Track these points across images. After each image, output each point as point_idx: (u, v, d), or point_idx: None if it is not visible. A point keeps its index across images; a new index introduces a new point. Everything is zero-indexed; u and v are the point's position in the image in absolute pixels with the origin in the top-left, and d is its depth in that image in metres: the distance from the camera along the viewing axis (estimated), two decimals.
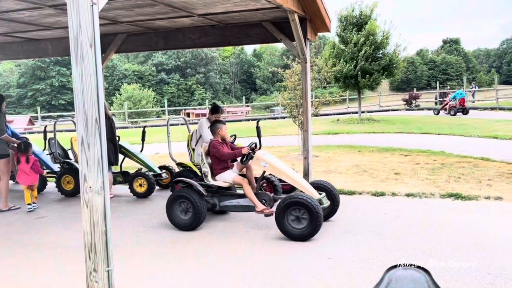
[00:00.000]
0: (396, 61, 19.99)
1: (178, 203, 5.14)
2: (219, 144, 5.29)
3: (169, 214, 5.18)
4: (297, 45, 6.66)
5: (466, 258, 3.96)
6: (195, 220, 5.06)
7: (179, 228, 5.13)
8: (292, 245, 4.53)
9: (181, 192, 5.16)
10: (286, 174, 5.03)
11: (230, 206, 5.27)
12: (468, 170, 8.04)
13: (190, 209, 5.08)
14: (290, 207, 4.57)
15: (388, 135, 15.35)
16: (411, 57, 68.66)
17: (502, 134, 13.21)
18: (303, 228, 4.55)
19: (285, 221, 4.60)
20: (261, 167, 5.06)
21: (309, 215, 4.50)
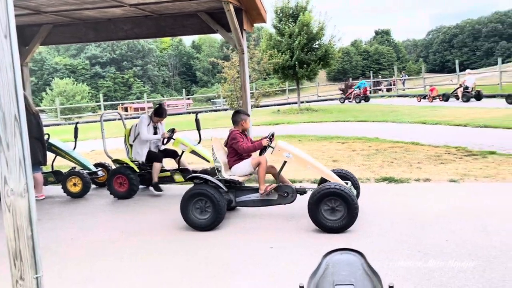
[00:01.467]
0: (331, 51, 20.61)
1: (195, 201, 4.71)
2: (240, 135, 5.02)
3: (185, 214, 4.74)
4: (234, 36, 6.63)
5: (399, 238, 4.17)
6: (216, 219, 4.67)
7: (197, 229, 4.71)
8: (240, 236, 4.53)
9: (198, 189, 4.71)
10: (311, 164, 4.81)
11: (248, 202, 4.94)
12: (400, 155, 8.49)
13: (208, 208, 4.67)
14: (325, 198, 4.35)
15: (326, 124, 15.82)
16: (346, 48, 71.12)
17: (429, 119, 14.10)
18: (338, 219, 4.36)
19: (319, 212, 4.39)
20: (284, 158, 4.82)
21: (346, 206, 4.31)
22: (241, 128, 5.15)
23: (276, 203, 4.90)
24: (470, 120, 12.96)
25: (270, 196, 4.84)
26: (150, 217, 5.50)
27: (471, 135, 10.43)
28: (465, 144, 9.11)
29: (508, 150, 8.16)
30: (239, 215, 5.33)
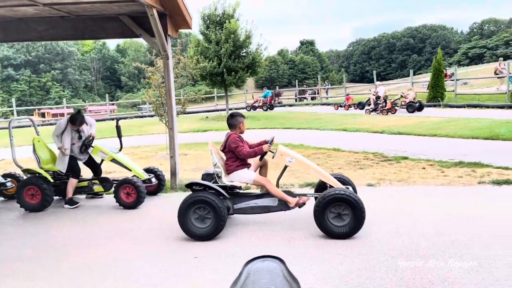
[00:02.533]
0: (258, 59, 20.97)
1: (194, 209, 4.45)
2: (239, 139, 4.78)
3: (183, 223, 4.46)
4: (158, 41, 6.47)
5: (322, 244, 4.30)
6: (217, 228, 4.44)
7: (197, 239, 4.46)
8: (158, 244, 4.38)
9: (199, 196, 4.44)
10: (314, 169, 4.77)
11: (247, 209, 4.72)
12: (323, 160, 8.82)
13: (208, 216, 4.44)
14: (331, 204, 4.28)
15: (253, 131, 15.99)
16: (273, 57, 72.84)
17: (350, 127, 14.86)
18: (344, 225, 4.30)
19: (326, 218, 4.31)
20: (286, 163, 4.71)
21: (352, 212, 4.26)
22: (239, 131, 4.94)
23: (276, 209, 4.75)
24: (386, 127, 13.86)
25: (269, 202, 4.68)
26: (65, 231, 5.15)
27: (387, 142, 11.14)
28: (381, 150, 9.71)
29: (418, 155, 8.83)
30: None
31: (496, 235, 4.20)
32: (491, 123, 12.87)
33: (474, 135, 10.95)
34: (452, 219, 4.76)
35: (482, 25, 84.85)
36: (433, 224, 4.62)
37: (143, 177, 6.25)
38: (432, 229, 4.47)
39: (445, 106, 20.23)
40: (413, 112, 18.79)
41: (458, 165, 7.51)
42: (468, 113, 16.88)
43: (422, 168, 7.54)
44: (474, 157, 8.01)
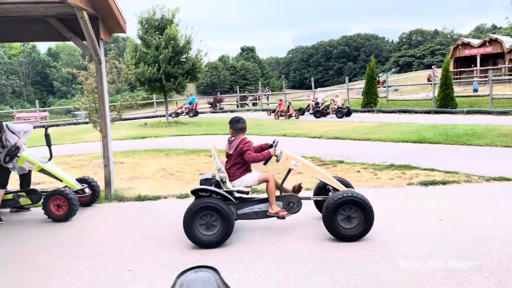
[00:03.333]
0: (198, 65, 20.81)
1: (200, 216, 4.28)
2: (251, 143, 4.63)
3: (189, 231, 4.28)
4: (89, 45, 6.19)
5: (261, 249, 4.30)
6: (225, 235, 4.31)
7: (204, 246, 4.30)
8: (99, 256, 4.15)
9: (206, 203, 4.28)
10: (319, 172, 4.70)
11: (251, 214, 4.60)
12: (259, 166, 8.88)
13: (215, 222, 4.30)
14: (342, 206, 4.25)
15: (194, 137, 15.84)
16: (214, 63, 72.76)
17: (290, 132, 15.15)
18: (354, 227, 4.28)
19: (336, 221, 4.27)
20: (291, 166, 4.63)
21: (362, 214, 4.26)
22: (244, 135, 4.79)
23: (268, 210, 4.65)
24: (324, 132, 14.30)
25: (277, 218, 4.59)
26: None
27: (325, 146, 11.49)
28: (319, 154, 9.98)
29: (354, 159, 9.18)
30: None
31: (424, 234, 4.44)
32: (419, 128, 13.71)
33: (404, 139, 11.60)
34: (382, 219, 4.98)
35: (410, 35, 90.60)
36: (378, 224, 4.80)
37: (76, 188, 5.93)
38: (374, 228, 4.64)
39: (378, 112, 21.29)
40: (341, 117, 19.72)
41: (390, 168, 7.90)
42: (398, 118, 17.88)
43: (356, 172, 7.83)
44: (404, 160, 8.46)
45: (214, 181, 4.66)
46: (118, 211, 6.12)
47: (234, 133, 4.79)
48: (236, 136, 4.76)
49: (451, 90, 19.56)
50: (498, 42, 34.63)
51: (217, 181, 4.64)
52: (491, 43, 35.27)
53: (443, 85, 19.51)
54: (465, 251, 3.95)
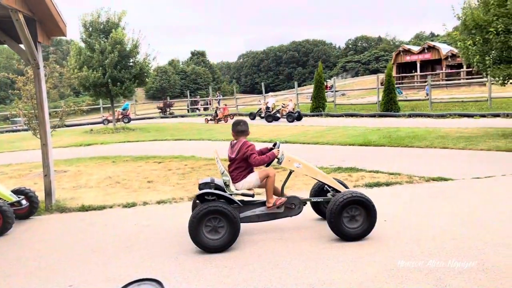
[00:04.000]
0: (146, 70, 20.37)
1: (206, 221, 4.22)
2: (254, 147, 4.65)
3: (195, 236, 4.21)
4: (26, 48, 5.85)
5: (208, 256, 4.24)
6: (232, 238, 4.27)
7: (210, 251, 4.23)
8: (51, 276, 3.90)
9: (213, 206, 4.22)
10: (320, 174, 4.76)
11: (253, 217, 4.57)
12: (214, 172, 8.81)
13: (221, 226, 4.25)
14: (347, 206, 4.32)
15: (143, 143, 15.46)
16: (164, 67, 71.60)
17: None
18: (357, 226, 4.37)
19: (341, 221, 4.32)
20: (293, 168, 4.67)
21: (366, 213, 4.35)
22: (246, 138, 4.78)
23: (283, 216, 4.66)
24: (274, 136, 14.44)
25: (276, 209, 4.59)
26: None
27: None
28: None
29: None
30: None
31: (370, 234, 4.57)
32: (364, 131, 14.21)
33: (351, 142, 11.96)
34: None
35: (356, 41, 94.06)
36: (314, 228, 4.87)
37: (11, 200, 5.56)
38: (313, 232, 4.71)
39: (327, 116, 21.86)
40: (292, 121, 20.09)
41: (337, 171, 8.10)
42: (346, 121, 18.45)
43: (305, 175, 7.94)
44: (350, 163, 8.71)
45: (213, 185, 4.60)
46: (59, 223, 5.82)
47: (236, 136, 4.81)
48: (238, 140, 4.77)
49: (394, 94, 20.48)
50: (436, 49, 36.76)
51: (216, 185, 4.58)
52: (429, 50, 37.36)
53: (386, 90, 20.38)
54: (409, 250, 4.10)
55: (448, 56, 35.12)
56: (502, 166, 7.76)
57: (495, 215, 5.04)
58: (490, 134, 11.50)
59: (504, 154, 9.03)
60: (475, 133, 12.02)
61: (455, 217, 5.03)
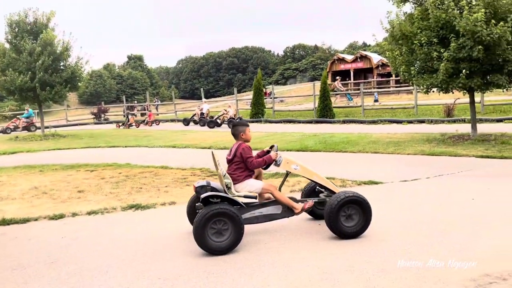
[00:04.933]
0: (79, 73, 19.43)
1: (212, 223, 4.24)
2: (251, 150, 4.73)
3: (201, 239, 4.21)
4: None
5: (141, 268, 4.08)
6: (237, 240, 4.31)
7: (216, 253, 4.24)
8: None
9: (218, 209, 4.24)
10: (317, 175, 4.90)
11: (252, 218, 4.62)
12: (150, 180, 8.56)
13: (225, 229, 4.29)
14: (344, 206, 4.51)
15: (75, 150, 14.69)
16: (98, 71, 68.82)
17: (179, 143, 14.92)
18: (354, 225, 4.56)
19: (339, 220, 4.49)
20: (291, 170, 4.83)
21: (362, 212, 4.55)
22: (243, 140, 4.83)
23: (280, 217, 4.75)
24: (214, 143, 14.37)
25: (274, 210, 4.68)
26: None
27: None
28: (208, 165, 9.94)
29: None
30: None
31: (302, 237, 4.65)
32: (302, 137, 14.57)
33: (289, 147, 12.19)
34: (268, 226, 5.11)
35: (293, 49, 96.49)
36: (251, 234, 4.87)
37: None
38: (251, 238, 4.70)
39: (266, 122, 22.15)
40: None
41: (274, 176, 8.18)
42: (284, 127, 18.82)
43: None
44: None
45: (209, 188, 4.64)
46: None
47: (235, 139, 4.93)
48: (236, 142, 4.86)
49: (329, 101, 21.23)
50: (368, 58, 38.69)
51: (212, 188, 4.64)
52: (362, 59, 39.25)
53: (322, 97, 21.08)
54: (336, 252, 4.22)
55: (379, 65, 37.08)
56: (426, 169, 8.29)
57: (416, 217, 5.34)
58: (416, 139, 12.27)
59: (428, 157, 9.66)
60: (403, 138, 12.76)
61: (382, 218, 5.26)
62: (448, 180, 7.36)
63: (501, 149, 9.83)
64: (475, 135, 11.39)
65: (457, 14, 9.74)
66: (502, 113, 17.25)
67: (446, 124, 16.19)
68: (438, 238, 4.49)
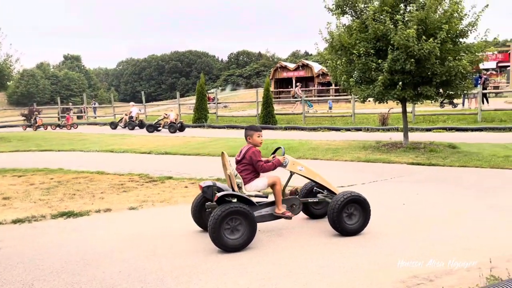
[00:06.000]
0: (7, 72, 18.18)
1: (227, 221, 4.39)
2: (260, 154, 4.91)
3: (217, 237, 4.35)
4: None
5: (70, 280, 3.84)
6: (250, 237, 4.49)
7: (231, 250, 4.39)
8: None
9: (233, 207, 4.41)
10: (319, 176, 5.17)
11: (258, 217, 4.76)
12: (84, 186, 8.15)
13: (239, 226, 4.45)
14: (347, 205, 4.77)
15: (1, 154, 13.66)
16: (31, 70, 64.84)
17: (117, 148, 14.38)
18: (355, 222, 4.83)
19: (341, 218, 4.74)
20: (296, 171, 5.07)
21: (362, 210, 4.84)
22: (253, 144, 4.98)
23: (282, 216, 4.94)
24: (154, 147, 14.02)
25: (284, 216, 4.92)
26: None
27: (154, 162, 11.22)
28: (147, 171, 9.68)
29: (183, 174, 9.18)
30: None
31: (249, 246, 4.63)
32: (244, 142, 14.59)
33: (232, 153, 11.99)
34: (207, 233, 5.04)
35: (238, 55, 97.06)
36: (189, 241, 4.78)
37: None
38: (189, 246, 4.61)
39: (209, 127, 22.01)
40: (174, 132, 19.91)
41: (218, 182, 8.12)
42: (227, 133, 18.78)
43: (184, 187, 7.82)
44: None
45: (215, 188, 4.87)
46: None
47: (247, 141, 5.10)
48: (247, 144, 5.04)
49: (272, 108, 21.55)
50: (309, 67, 39.83)
51: (218, 188, 4.85)
52: (303, 68, 40.34)
53: (265, 104, 21.34)
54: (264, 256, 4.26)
55: (320, 74, 38.28)
56: (362, 175, 8.63)
57: None
58: (353, 146, 12.76)
59: (364, 164, 10.07)
60: (341, 145, 13.22)
61: (317, 223, 5.39)
62: (382, 186, 7.70)
63: (429, 156, 10.47)
64: (406, 143, 12.06)
65: (392, 29, 10.29)
66: (431, 123, 18.44)
67: (381, 132, 17.01)
68: (371, 242, 4.67)
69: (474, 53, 10.68)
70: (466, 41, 11.00)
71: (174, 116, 20.96)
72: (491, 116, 18.47)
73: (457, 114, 20.17)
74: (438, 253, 4.25)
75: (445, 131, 16.15)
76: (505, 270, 3.64)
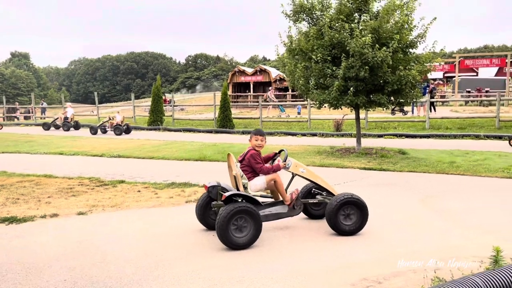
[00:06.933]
0: None
1: (234, 220, 4.51)
2: (258, 156, 5.06)
3: (224, 235, 4.46)
4: None
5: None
6: (256, 236, 4.62)
7: (238, 248, 4.51)
8: None
9: (241, 207, 4.54)
10: (320, 178, 5.35)
11: (262, 217, 4.81)
12: (29, 190, 7.74)
13: (245, 225, 4.58)
14: (343, 206, 4.93)
15: None
16: None
17: (67, 150, 13.80)
18: (352, 223, 4.98)
19: (338, 219, 4.90)
20: (298, 173, 5.22)
21: (359, 212, 4.98)
22: (253, 146, 5.13)
23: (285, 215, 5.08)
24: (106, 150, 13.56)
25: (282, 209, 5.03)
26: None
27: (106, 165, 10.85)
28: (99, 174, 9.34)
29: (136, 178, 8.93)
30: None
31: (202, 251, 4.56)
32: (201, 146, 14.47)
33: (187, 157, 12.00)
34: (161, 239, 4.92)
35: (195, 58, 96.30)
36: (141, 247, 4.64)
37: None
38: (140, 252, 4.47)
39: (165, 130, 21.61)
40: (120, 134, 19.60)
41: (170, 186, 7.97)
42: (184, 136, 18.52)
43: (137, 191, 7.61)
44: (185, 178, 8.69)
45: (220, 188, 5.07)
46: None
47: None
48: (249, 147, 5.19)
49: (229, 112, 21.50)
50: (267, 72, 40.17)
51: (223, 188, 5.04)
52: (261, 73, 40.62)
53: (222, 107, 21.27)
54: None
55: (277, 79, 38.70)
56: None
57: (303, 225, 5.59)
58: (309, 151, 12.96)
59: (319, 168, 10.21)
60: (297, 150, 13.39)
61: (276, 230, 5.41)
62: None
63: (380, 162, 10.82)
64: (359, 149, 12.40)
65: (348, 37, 10.57)
66: (383, 129, 19.09)
67: (335, 137, 17.39)
68: (323, 244, 4.74)
69: (423, 63, 11.18)
70: (415, 51, 11.50)
71: (121, 118, 20.60)
72: (438, 123, 19.41)
73: (407, 121, 21.03)
74: (388, 255, 4.38)
75: (395, 138, 16.76)
76: (449, 271, 3.79)
